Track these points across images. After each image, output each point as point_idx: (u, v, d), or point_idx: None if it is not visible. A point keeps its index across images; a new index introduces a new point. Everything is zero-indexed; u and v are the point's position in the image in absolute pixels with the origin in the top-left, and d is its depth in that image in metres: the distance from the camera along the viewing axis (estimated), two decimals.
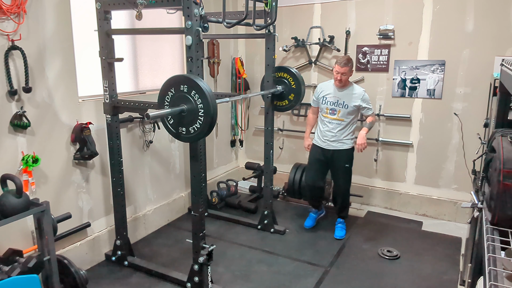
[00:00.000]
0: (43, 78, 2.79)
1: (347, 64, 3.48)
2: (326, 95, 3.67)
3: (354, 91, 3.59)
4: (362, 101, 3.56)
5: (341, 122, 3.61)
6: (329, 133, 3.66)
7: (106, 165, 3.30)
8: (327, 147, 3.70)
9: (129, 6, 2.66)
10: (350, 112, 3.59)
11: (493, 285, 1.15)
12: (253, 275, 3.19)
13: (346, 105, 3.57)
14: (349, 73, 3.53)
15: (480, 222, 1.87)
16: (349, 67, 3.50)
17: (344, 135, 3.65)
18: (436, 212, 4.25)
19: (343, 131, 3.64)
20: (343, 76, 3.50)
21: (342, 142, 3.66)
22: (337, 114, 3.60)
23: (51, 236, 2.44)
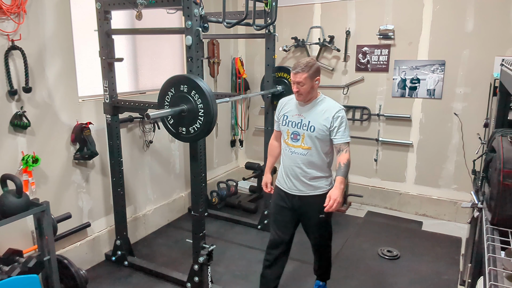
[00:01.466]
0: (43, 78, 2.79)
1: (305, 70, 2.30)
2: (287, 112, 2.50)
3: (323, 106, 2.40)
4: (334, 121, 2.34)
5: (308, 153, 2.41)
6: (293, 170, 2.47)
7: (106, 165, 3.30)
8: (291, 190, 2.51)
9: (129, 6, 2.66)
10: (320, 137, 2.38)
11: (493, 285, 1.15)
12: (253, 275, 3.18)
13: (312, 126, 2.37)
14: (311, 81, 2.32)
15: (480, 222, 1.87)
16: (309, 73, 2.30)
17: (314, 173, 2.43)
18: (436, 212, 4.25)
19: (313, 166, 2.43)
20: (302, 86, 2.32)
21: (311, 185, 2.45)
22: (301, 141, 2.41)
23: (51, 236, 2.44)
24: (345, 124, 2.38)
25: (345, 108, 2.53)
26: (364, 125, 4.48)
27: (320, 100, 2.43)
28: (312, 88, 2.35)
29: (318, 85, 2.40)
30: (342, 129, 2.36)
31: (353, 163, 4.58)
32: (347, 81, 4.46)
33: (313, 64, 2.34)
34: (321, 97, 2.46)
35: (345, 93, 4.49)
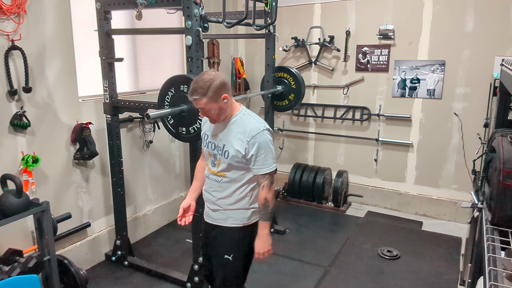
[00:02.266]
0: (43, 78, 2.79)
1: (202, 94, 1.83)
2: (207, 131, 2.10)
3: (239, 127, 1.94)
4: (250, 147, 1.90)
5: (223, 180, 2.01)
6: (207, 195, 2.12)
7: (106, 165, 3.30)
8: (206, 217, 2.18)
9: (129, 6, 2.66)
10: (235, 164, 1.95)
11: (493, 285, 1.15)
12: (253, 275, 3.18)
13: (226, 151, 1.96)
14: (216, 103, 1.86)
15: (480, 222, 1.87)
16: (209, 96, 1.83)
17: (230, 204, 2.02)
18: (436, 212, 4.25)
19: (228, 195, 2.02)
20: (207, 112, 1.89)
21: (226, 214, 2.04)
22: (217, 166, 2.02)
23: (51, 236, 2.44)
24: (265, 151, 1.89)
25: (269, 129, 1.94)
26: (364, 125, 4.48)
27: (236, 119, 1.94)
28: (221, 109, 1.89)
29: (230, 102, 1.91)
30: (261, 158, 1.89)
31: (353, 163, 4.64)
32: (347, 81, 4.46)
33: (210, 83, 1.81)
34: (239, 114, 1.96)
35: (345, 93, 4.49)
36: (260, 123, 1.95)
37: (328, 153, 4.76)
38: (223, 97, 1.86)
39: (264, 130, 1.92)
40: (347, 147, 4.63)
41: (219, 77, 1.86)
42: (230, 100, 1.91)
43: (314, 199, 4.59)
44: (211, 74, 1.86)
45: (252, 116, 1.98)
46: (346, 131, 4.59)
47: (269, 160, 1.92)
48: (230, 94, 1.91)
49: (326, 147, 4.77)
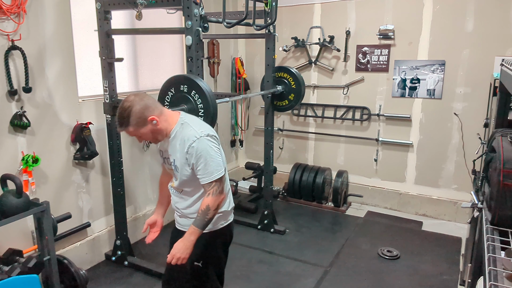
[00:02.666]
0: (43, 78, 2.79)
1: (125, 124, 1.81)
2: (160, 147, 2.11)
3: (180, 138, 1.89)
4: (190, 157, 1.85)
5: (182, 192, 2.02)
6: (174, 207, 2.11)
7: (106, 165, 3.30)
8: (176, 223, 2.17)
9: (129, 6, 2.66)
10: (186, 177, 1.92)
11: (493, 285, 1.15)
12: (253, 275, 3.19)
13: (176, 166, 1.95)
14: (144, 128, 1.83)
15: (480, 222, 1.87)
16: (133, 125, 1.81)
17: (193, 212, 1.97)
18: (436, 212, 4.25)
19: (189, 205, 2.01)
20: (140, 137, 1.90)
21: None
22: (174, 181, 2.03)
23: (51, 236, 2.44)
24: (204, 159, 1.81)
25: (209, 135, 1.85)
26: (364, 125, 4.48)
27: (175, 132, 1.89)
28: (154, 131, 1.85)
29: (163, 119, 1.85)
30: (201, 167, 1.82)
31: (353, 163, 4.64)
32: (347, 81, 4.46)
33: (129, 111, 1.77)
34: (177, 126, 1.89)
35: (345, 93, 4.49)
36: (198, 130, 1.85)
37: (328, 153, 4.76)
38: (149, 119, 1.80)
39: (202, 137, 1.82)
40: (347, 147, 4.63)
41: (137, 102, 1.79)
42: (160, 118, 1.84)
43: (314, 199, 4.59)
44: (129, 101, 1.79)
45: (191, 124, 1.88)
46: (346, 131, 4.59)
47: (211, 168, 1.82)
48: (158, 112, 1.84)
49: (326, 147, 4.77)
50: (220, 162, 1.86)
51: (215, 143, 1.88)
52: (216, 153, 1.86)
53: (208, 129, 1.90)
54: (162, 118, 1.86)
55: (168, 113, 1.92)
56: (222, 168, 1.87)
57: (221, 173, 1.85)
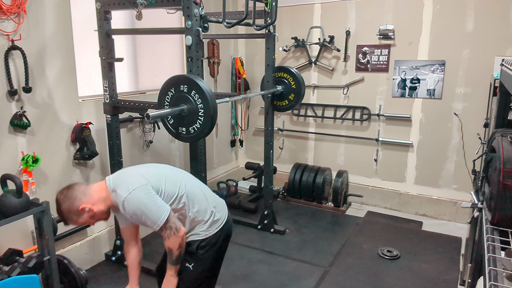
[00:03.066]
0: (43, 78, 2.79)
1: (65, 221, 1.91)
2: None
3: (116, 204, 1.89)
4: (129, 214, 1.86)
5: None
6: None
7: (106, 165, 3.30)
8: None
9: (129, 6, 2.66)
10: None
11: (493, 285, 1.15)
12: (253, 275, 3.19)
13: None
14: (81, 219, 1.88)
15: (480, 222, 1.87)
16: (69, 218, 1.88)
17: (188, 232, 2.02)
18: (436, 212, 4.25)
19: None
20: (90, 223, 1.95)
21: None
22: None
23: (51, 236, 2.44)
24: (141, 213, 1.81)
25: (134, 189, 1.80)
26: (364, 125, 4.48)
27: (115, 201, 1.88)
28: (93, 215, 1.88)
29: (95, 201, 1.86)
30: (143, 219, 1.83)
31: (353, 163, 4.64)
32: (347, 81, 4.46)
33: (61, 212, 1.86)
34: (112, 195, 1.88)
35: (345, 93, 4.49)
36: (124, 190, 1.82)
37: (328, 153, 4.76)
38: (81, 209, 1.84)
39: (127, 196, 1.80)
40: (347, 147, 4.63)
41: (62, 200, 1.85)
42: (93, 201, 1.86)
43: (314, 199, 4.59)
44: (57, 200, 1.86)
45: (117, 188, 1.85)
46: (346, 131, 4.59)
47: (153, 217, 1.81)
48: (87, 199, 1.85)
49: (326, 147, 4.77)
50: (159, 207, 1.83)
51: (144, 190, 1.83)
52: (151, 199, 1.82)
53: (133, 182, 1.84)
54: (95, 201, 1.87)
55: (98, 191, 1.89)
56: (164, 210, 1.83)
57: (165, 216, 1.82)
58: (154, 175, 1.93)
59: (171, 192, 1.91)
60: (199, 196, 2.03)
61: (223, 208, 2.16)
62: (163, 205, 1.85)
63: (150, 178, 1.88)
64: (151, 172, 1.96)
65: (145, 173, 1.92)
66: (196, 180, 2.15)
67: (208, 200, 2.07)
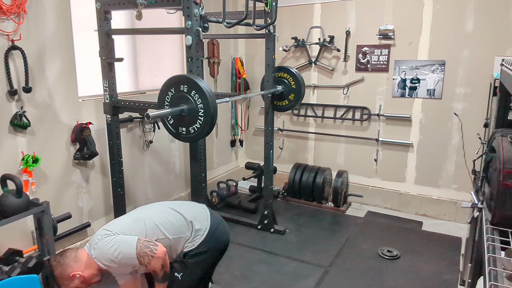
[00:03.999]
0: (43, 78, 2.79)
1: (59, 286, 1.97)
2: None
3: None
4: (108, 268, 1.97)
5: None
6: None
7: (106, 165, 3.30)
8: None
9: (129, 6, 2.66)
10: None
11: (493, 285, 1.15)
12: (253, 275, 3.19)
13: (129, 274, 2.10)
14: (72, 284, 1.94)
15: (480, 222, 1.87)
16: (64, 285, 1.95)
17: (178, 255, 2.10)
18: (436, 212, 4.25)
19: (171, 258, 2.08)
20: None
21: None
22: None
23: (51, 236, 2.45)
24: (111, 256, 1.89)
25: (96, 243, 1.93)
26: (364, 125, 4.48)
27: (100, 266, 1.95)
28: (84, 282, 1.95)
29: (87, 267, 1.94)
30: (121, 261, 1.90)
31: (353, 163, 4.64)
32: (347, 81, 4.46)
33: (55, 277, 1.93)
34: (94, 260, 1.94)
35: (345, 93, 4.49)
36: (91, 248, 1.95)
37: (328, 153, 4.76)
38: (72, 276, 1.91)
39: (95, 253, 1.92)
40: (347, 147, 4.63)
41: (55, 267, 1.93)
42: (81, 269, 1.93)
43: (314, 199, 4.59)
44: (51, 266, 1.94)
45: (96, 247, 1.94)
46: (346, 131, 4.59)
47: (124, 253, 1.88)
48: (77, 266, 1.92)
49: (326, 147, 4.77)
50: (122, 242, 1.90)
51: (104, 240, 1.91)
52: (111, 241, 1.90)
53: (94, 239, 1.95)
54: (85, 267, 1.94)
55: (87, 257, 1.96)
56: (130, 241, 1.90)
57: (133, 245, 1.89)
58: (118, 225, 2.00)
59: (139, 230, 1.98)
60: (172, 217, 2.09)
61: (203, 219, 2.17)
62: (126, 238, 1.91)
63: (114, 229, 1.96)
64: (116, 223, 2.03)
65: (109, 227, 1.98)
66: (167, 203, 2.22)
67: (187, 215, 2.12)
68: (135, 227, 1.99)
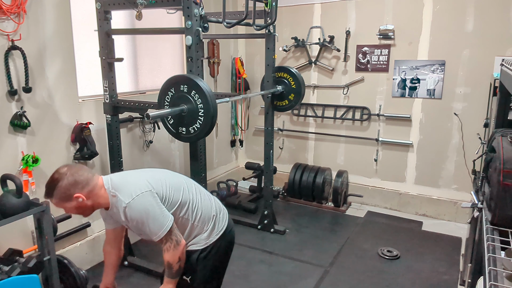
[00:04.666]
0: (43, 78, 2.79)
1: (51, 196, 1.73)
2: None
3: (115, 208, 1.79)
4: (130, 222, 1.78)
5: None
6: None
7: (106, 165, 3.30)
8: None
9: (129, 6, 2.66)
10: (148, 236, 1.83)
11: (493, 285, 1.15)
12: (253, 275, 3.19)
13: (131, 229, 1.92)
14: (69, 203, 1.74)
15: (480, 222, 1.87)
16: (57, 199, 1.73)
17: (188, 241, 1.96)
18: (436, 212, 4.25)
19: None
20: (68, 211, 1.82)
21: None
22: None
23: (51, 236, 2.45)
24: (141, 220, 1.73)
25: (137, 195, 1.73)
26: (364, 125, 4.48)
27: (112, 203, 1.78)
28: (79, 207, 1.76)
29: (93, 195, 1.75)
30: (145, 228, 1.75)
31: (353, 163, 4.64)
32: (347, 81, 4.46)
33: (54, 185, 1.69)
34: (110, 198, 1.78)
35: (345, 93, 4.49)
36: (126, 194, 1.73)
37: (328, 153, 4.76)
38: (75, 196, 1.70)
39: (130, 202, 1.72)
40: (347, 147, 4.63)
41: (66, 177, 1.70)
42: (88, 195, 1.73)
43: (314, 199, 4.59)
44: (59, 173, 1.71)
45: (119, 191, 1.75)
46: (346, 131, 4.59)
47: (153, 228, 1.73)
48: (88, 190, 1.73)
49: (326, 147, 4.77)
50: (162, 216, 1.75)
51: (148, 197, 1.74)
52: (155, 207, 1.74)
53: (136, 187, 1.75)
54: (93, 195, 1.75)
55: (99, 188, 1.78)
56: (167, 221, 1.76)
57: (167, 226, 1.75)
58: (157, 180, 1.83)
59: (175, 199, 1.83)
60: (203, 201, 1.96)
61: (225, 216, 2.06)
62: (167, 215, 1.76)
63: (153, 184, 1.79)
64: (154, 177, 1.85)
65: (149, 178, 1.81)
66: (199, 185, 2.05)
67: (213, 206, 2.00)
68: (172, 198, 1.81)
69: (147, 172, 1.94)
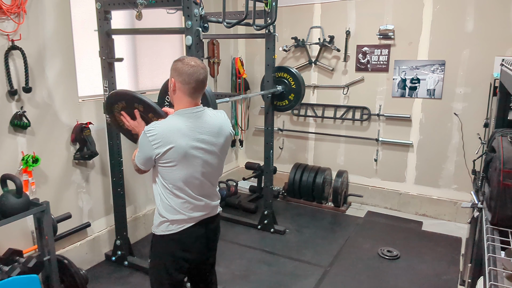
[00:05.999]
0: (43, 78, 2.79)
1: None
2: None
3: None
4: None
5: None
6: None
7: (106, 165, 3.30)
8: None
9: (129, 6, 2.66)
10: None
11: (493, 285, 1.15)
12: (253, 275, 3.19)
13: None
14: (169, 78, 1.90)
15: (480, 222, 1.87)
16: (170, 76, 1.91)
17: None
18: (436, 212, 4.25)
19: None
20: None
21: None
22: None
23: (51, 236, 2.45)
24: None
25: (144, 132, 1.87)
26: (364, 125, 4.48)
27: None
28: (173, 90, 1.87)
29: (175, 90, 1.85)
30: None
31: (353, 163, 4.64)
32: (347, 81, 4.46)
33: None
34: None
35: (345, 93, 4.49)
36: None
37: (328, 153, 4.76)
38: (171, 80, 1.85)
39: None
40: (347, 147, 4.63)
41: (177, 61, 1.86)
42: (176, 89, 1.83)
43: (314, 199, 4.59)
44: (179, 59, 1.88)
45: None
46: (346, 131, 4.59)
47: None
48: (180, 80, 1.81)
49: (326, 147, 4.77)
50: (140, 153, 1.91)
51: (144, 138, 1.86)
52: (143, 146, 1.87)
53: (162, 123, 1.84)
54: (178, 90, 1.82)
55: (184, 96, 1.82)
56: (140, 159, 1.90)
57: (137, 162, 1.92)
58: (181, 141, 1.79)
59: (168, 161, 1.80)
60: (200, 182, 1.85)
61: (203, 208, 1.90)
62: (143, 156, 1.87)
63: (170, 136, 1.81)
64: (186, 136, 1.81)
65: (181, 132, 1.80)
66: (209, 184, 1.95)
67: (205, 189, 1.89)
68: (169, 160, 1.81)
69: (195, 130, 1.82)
